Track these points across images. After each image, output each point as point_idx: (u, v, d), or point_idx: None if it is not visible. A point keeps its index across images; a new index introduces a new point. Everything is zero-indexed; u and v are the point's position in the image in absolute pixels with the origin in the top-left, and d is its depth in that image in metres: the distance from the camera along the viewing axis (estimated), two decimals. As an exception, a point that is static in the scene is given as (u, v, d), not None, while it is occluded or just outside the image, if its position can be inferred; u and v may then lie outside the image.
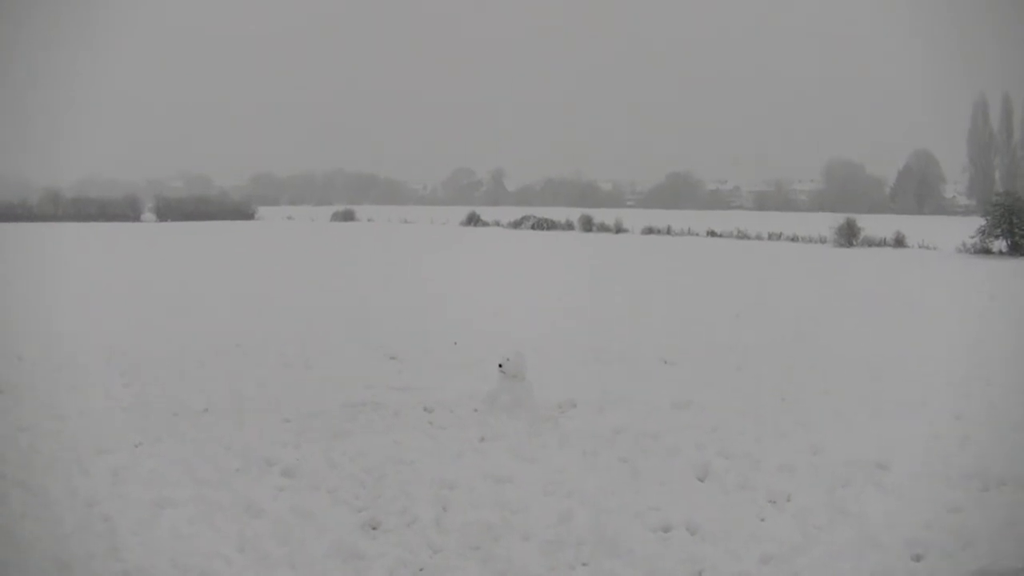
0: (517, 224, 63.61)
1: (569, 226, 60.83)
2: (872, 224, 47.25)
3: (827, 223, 47.24)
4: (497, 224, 66.09)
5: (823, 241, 46.49)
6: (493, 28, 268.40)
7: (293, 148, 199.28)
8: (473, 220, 68.28)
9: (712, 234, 53.40)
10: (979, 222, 39.72)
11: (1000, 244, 38.24)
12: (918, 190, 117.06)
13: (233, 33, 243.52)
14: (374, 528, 7.00)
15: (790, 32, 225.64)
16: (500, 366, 10.20)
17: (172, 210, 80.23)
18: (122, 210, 77.71)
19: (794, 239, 48.91)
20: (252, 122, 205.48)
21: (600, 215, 63.67)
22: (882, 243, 43.89)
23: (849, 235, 44.25)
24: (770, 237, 50.41)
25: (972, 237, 38.95)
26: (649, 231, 56.31)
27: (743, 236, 51.58)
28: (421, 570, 6.46)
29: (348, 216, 79.23)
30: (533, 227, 61.94)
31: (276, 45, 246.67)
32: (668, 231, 55.77)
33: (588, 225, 59.61)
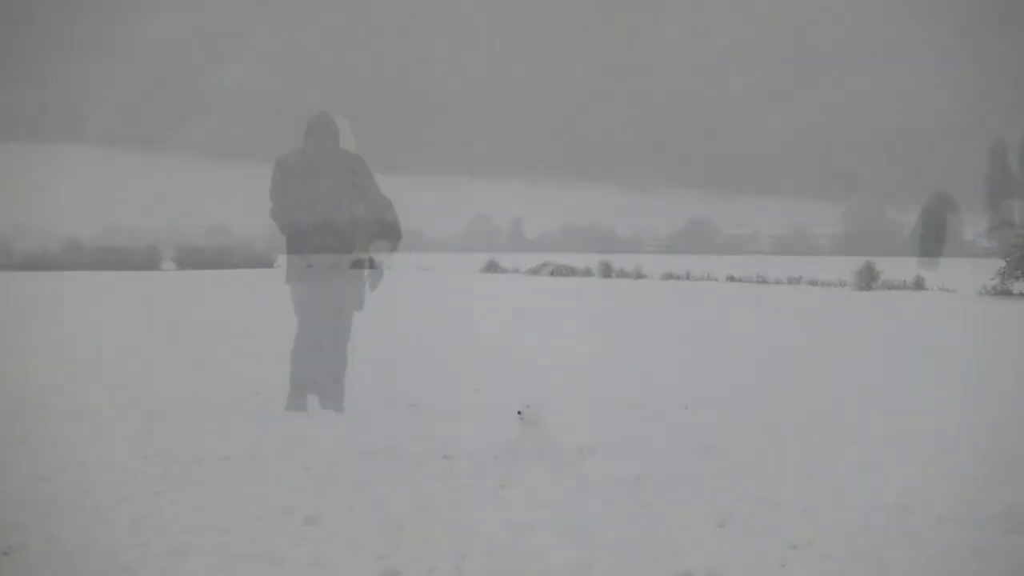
0: (536, 270, 63.66)
1: (588, 272, 60.84)
2: (892, 267, 47.13)
3: (847, 267, 47.20)
4: (516, 270, 66.21)
5: (843, 285, 46.40)
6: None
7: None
8: (492, 267, 68.34)
9: (731, 279, 53.31)
10: (999, 264, 39.56)
11: (1021, 285, 38.07)
12: (937, 233, 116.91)
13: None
14: (393, 577, 6.97)
15: (812, 80, 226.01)
16: (519, 413, 10.17)
17: (192, 259, 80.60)
18: (143, 259, 78.09)
19: (814, 283, 48.83)
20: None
21: (619, 261, 63.70)
22: (902, 286, 43.79)
23: (868, 278, 44.13)
24: (789, 281, 50.32)
25: (992, 279, 38.77)
26: (668, 276, 56.20)
27: (762, 280, 51.47)
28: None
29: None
30: (552, 273, 61.96)
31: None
32: (687, 276, 55.68)
33: (607, 271, 59.58)
